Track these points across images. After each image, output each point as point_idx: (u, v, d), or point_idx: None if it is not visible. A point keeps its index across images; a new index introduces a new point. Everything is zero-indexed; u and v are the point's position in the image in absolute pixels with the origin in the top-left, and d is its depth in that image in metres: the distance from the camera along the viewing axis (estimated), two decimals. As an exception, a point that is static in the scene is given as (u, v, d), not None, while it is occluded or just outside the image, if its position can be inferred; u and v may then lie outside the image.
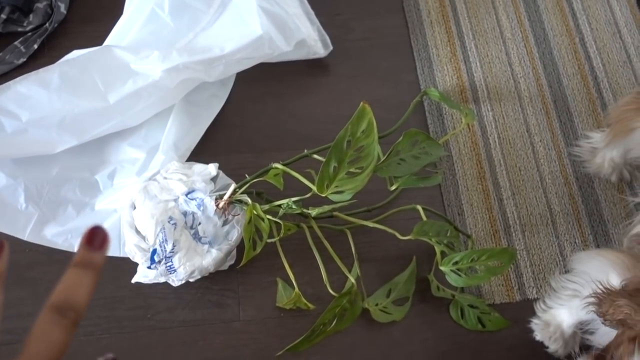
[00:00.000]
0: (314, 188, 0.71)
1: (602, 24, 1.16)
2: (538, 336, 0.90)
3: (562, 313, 0.86)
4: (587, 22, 1.16)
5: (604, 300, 0.62)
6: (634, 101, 0.89)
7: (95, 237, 0.30)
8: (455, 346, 0.91)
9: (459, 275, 0.80)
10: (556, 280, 0.87)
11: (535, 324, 0.90)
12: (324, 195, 0.71)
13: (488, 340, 0.92)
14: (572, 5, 1.18)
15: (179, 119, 0.97)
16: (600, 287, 0.65)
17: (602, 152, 1.00)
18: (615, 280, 0.65)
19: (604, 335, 0.69)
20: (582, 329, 0.83)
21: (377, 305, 0.90)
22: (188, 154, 0.97)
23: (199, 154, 0.98)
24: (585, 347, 0.88)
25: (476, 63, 1.11)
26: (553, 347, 0.89)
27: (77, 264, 0.29)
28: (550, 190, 1.01)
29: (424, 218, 0.86)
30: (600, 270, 0.69)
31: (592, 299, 0.65)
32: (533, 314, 0.91)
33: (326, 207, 0.77)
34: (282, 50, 0.99)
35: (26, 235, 0.90)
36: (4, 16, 1.05)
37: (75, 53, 0.95)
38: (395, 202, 0.97)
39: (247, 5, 0.97)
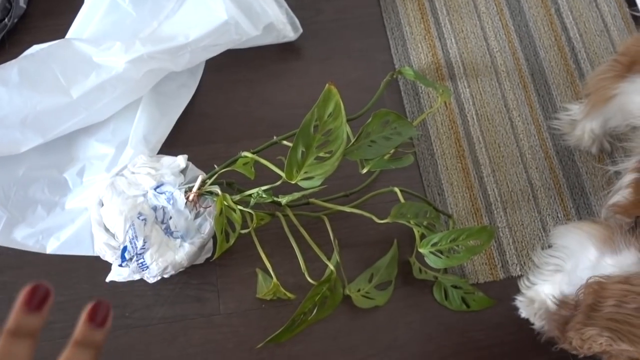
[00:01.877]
0: (284, 175, 0.68)
1: (578, -7, 1.14)
2: (523, 313, 0.89)
3: (546, 289, 0.85)
4: (563, -9, 1.14)
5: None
6: (611, 69, 0.87)
7: (98, 313, 0.28)
8: (441, 327, 0.90)
9: (439, 257, 0.78)
10: (538, 255, 0.86)
11: (520, 301, 0.89)
12: (293, 182, 0.69)
13: (473, 320, 0.91)
14: (547, -24, 1.16)
15: (147, 111, 0.94)
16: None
17: (582, 123, 0.98)
18: (592, 254, 0.64)
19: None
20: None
21: (359, 291, 0.88)
22: (159, 147, 0.94)
23: (169, 146, 0.95)
24: (571, 322, 0.87)
25: (451, 39, 1.08)
26: (538, 323, 0.88)
27: (77, 343, 0.27)
28: (531, 165, 1.00)
29: (402, 200, 0.84)
30: (578, 243, 0.68)
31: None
32: (517, 291, 0.90)
33: (296, 194, 0.74)
34: (250, 35, 0.96)
35: (-5, 238, 0.87)
36: (-40, 13, 1.01)
37: (35, 48, 0.91)
38: (373, 185, 0.95)
39: (211, -11, 0.94)
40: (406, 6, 1.11)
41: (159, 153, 0.94)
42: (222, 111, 1.01)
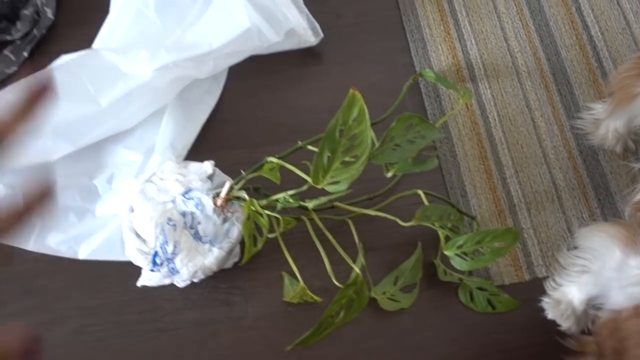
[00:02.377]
0: (310, 180, 0.69)
1: (599, -9, 1.13)
2: (550, 315, 0.89)
3: (573, 290, 0.85)
4: (583, -10, 1.13)
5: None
6: (635, 67, 0.87)
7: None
8: (467, 329, 0.90)
9: (464, 259, 0.78)
10: (564, 256, 0.85)
11: (546, 303, 0.89)
12: (320, 187, 0.70)
13: (499, 322, 0.91)
14: (567, -26, 1.15)
15: (173, 118, 0.96)
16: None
17: (605, 122, 0.97)
18: (618, 256, 0.64)
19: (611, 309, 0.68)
20: (590, 304, 0.82)
21: (384, 293, 0.89)
22: (185, 153, 0.96)
23: (195, 152, 0.97)
24: (598, 323, 0.86)
25: (471, 40, 1.08)
26: (565, 324, 0.87)
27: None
28: (554, 165, 0.99)
29: (426, 203, 0.85)
30: (602, 245, 0.68)
31: None
32: (543, 292, 0.90)
33: (323, 199, 0.75)
34: (271, 41, 0.97)
35: (30, 245, 0.90)
36: (-9, 26, 1.04)
37: (64, 58, 0.94)
38: (396, 188, 0.96)
39: (233, -3, 0.95)
40: (425, 8, 1.11)
41: (185, 159, 0.96)
42: (245, 117, 1.03)
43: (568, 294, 0.86)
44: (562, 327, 0.88)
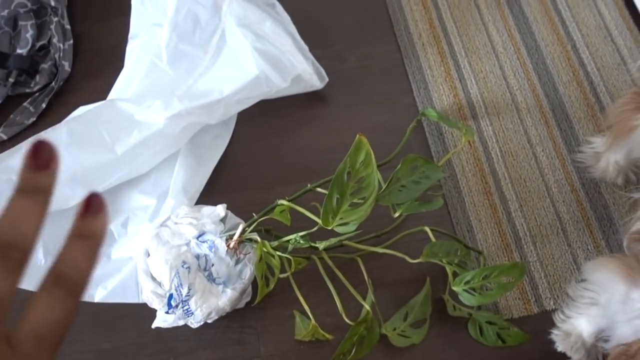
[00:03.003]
0: (320, 222, 0.72)
1: (593, 29, 1.17)
2: (560, 347, 0.90)
3: (582, 322, 0.86)
4: (577, 28, 1.18)
5: None
6: (631, 101, 0.90)
7: (40, 153, 0.24)
8: (477, 364, 0.91)
9: (472, 294, 0.80)
10: (573, 289, 0.87)
11: (556, 335, 0.90)
12: (329, 228, 0.73)
13: (509, 356, 0.91)
14: (561, 14, 1.20)
15: (185, 163, 1.00)
16: None
17: (606, 155, 1.00)
18: (622, 289, 0.65)
19: (618, 342, 0.69)
20: (599, 337, 0.83)
21: (394, 329, 0.90)
22: (197, 196, 0.99)
23: (207, 195, 1.00)
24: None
25: (471, 80, 1.12)
26: (576, 357, 0.88)
27: (21, 191, 0.24)
28: (558, 198, 1.01)
29: (433, 239, 0.87)
30: (607, 279, 0.69)
31: None
32: (553, 325, 0.91)
33: (333, 240, 0.78)
34: (279, 87, 1.01)
35: (47, 290, 0.92)
36: (12, 80, 1.09)
37: (81, 109, 0.98)
38: (403, 225, 0.98)
39: (242, 47, 1.00)
40: (426, 50, 1.16)
41: (197, 202, 0.99)
42: (255, 159, 1.06)
43: (577, 326, 0.87)
44: (572, 359, 0.88)
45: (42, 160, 0.25)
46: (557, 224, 0.99)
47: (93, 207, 0.26)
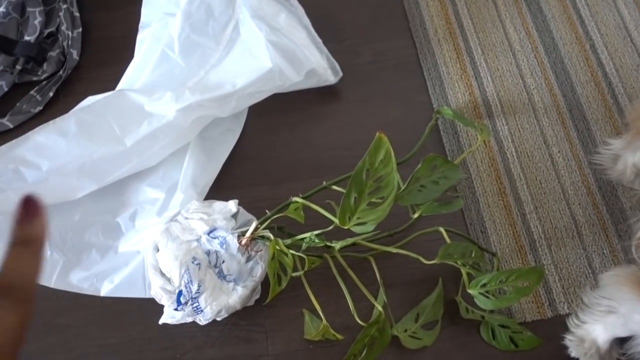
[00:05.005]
0: (336, 221, 0.70)
1: (612, 29, 1.15)
2: (573, 353, 0.88)
3: (597, 329, 0.84)
4: (597, 27, 1.15)
5: None
6: None
7: (28, 206, 0.27)
8: (489, 367, 0.90)
9: (488, 298, 0.78)
10: (588, 296, 0.85)
11: (570, 340, 0.88)
12: (346, 228, 0.71)
13: (522, 360, 0.90)
14: (580, 12, 1.17)
15: (195, 156, 0.98)
16: None
17: (624, 157, 0.98)
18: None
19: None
20: (632, 343, 0.81)
21: (406, 331, 0.88)
22: (207, 190, 0.98)
23: (217, 190, 0.98)
24: (624, 362, 0.86)
25: (487, 78, 1.10)
26: (589, 363, 0.87)
27: (16, 243, 0.26)
28: (573, 201, 1.00)
29: (447, 240, 0.85)
30: (629, 300, 0.67)
31: None
32: (566, 329, 0.90)
33: (350, 240, 0.76)
34: (292, 81, 0.99)
35: (52, 282, 0.91)
36: (19, 67, 1.07)
37: (90, 99, 0.96)
38: (417, 224, 0.96)
39: (256, 39, 0.98)
40: (442, 47, 1.13)
41: (206, 196, 0.97)
42: (266, 154, 1.04)
43: (592, 332, 0.85)
44: (586, 365, 0.87)
45: (31, 212, 0.27)
46: (572, 227, 0.98)
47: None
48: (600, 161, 1.02)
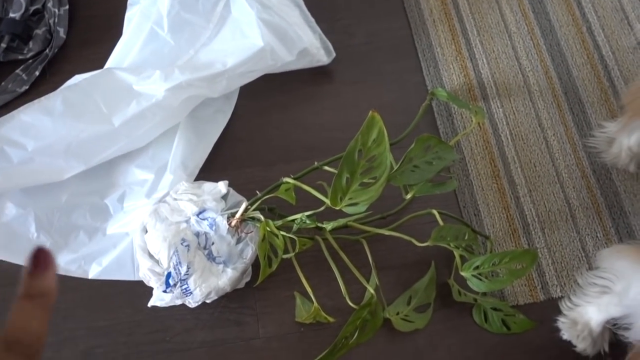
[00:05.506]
0: (327, 201, 0.69)
1: (609, 11, 1.14)
2: (565, 335, 0.88)
3: (590, 311, 0.84)
4: (594, 10, 1.14)
5: None
6: None
7: (39, 258, 0.26)
8: (481, 350, 0.89)
9: (481, 280, 0.78)
10: (583, 277, 0.85)
11: (562, 323, 0.88)
12: (338, 208, 0.70)
13: (514, 343, 0.90)
14: (577, -6, 1.16)
15: (185, 137, 0.96)
16: None
17: (619, 140, 0.97)
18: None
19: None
20: (616, 324, 0.81)
21: (398, 314, 0.88)
22: (197, 172, 0.96)
23: (207, 171, 0.97)
24: (615, 345, 0.85)
25: (482, 60, 1.09)
26: (581, 345, 0.86)
27: (24, 296, 0.26)
28: (568, 184, 0.99)
29: (441, 222, 0.84)
30: (627, 268, 0.67)
31: None
32: (559, 312, 0.89)
33: (341, 221, 0.75)
34: (284, 60, 0.97)
35: (39, 264, 0.89)
36: (3, 45, 1.04)
37: (77, 78, 0.94)
38: (410, 207, 0.95)
39: (247, 18, 0.95)
40: (437, 28, 1.11)
41: (196, 178, 0.95)
42: (257, 135, 1.03)
43: (585, 314, 0.85)
44: (577, 348, 0.87)
45: (42, 265, 0.26)
46: (566, 210, 0.97)
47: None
48: (595, 144, 1.01)
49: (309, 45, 0.99)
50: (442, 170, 0.76)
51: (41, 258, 0.27)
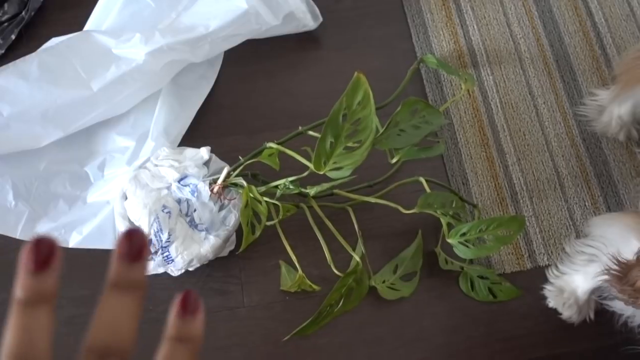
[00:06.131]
0: (311, 166, 0.67)
1: (602, -23, 1.11)
2: (551, 303, 0.88)
3: (577, 279, 0.83)
4: (587, -25, 1.11)
5: (621, 278, 0.58)
6: None
7: (133, 242, 0.24)
8: (467, 318, 0.89)
9: (467, 247, 0.77)
10: (571, 245, 0.84)
11: (549, 291, 0.88)
12: (321, 173, 0.68)
13: (500, 311, 0.89)
14: (570, -41, 1.13)
15: (167, 104, 0.93)
16: (614, 261, 0.61)
17: (609, 109, 0.96)
18: (635, 246, 0.62)
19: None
20: (601, 295, 0.81)
21: (384, 282, 0.87)
22: (179, 139, 0.94)
23: (190, 139, 0.94)
24: (601, 313, 0.85)
25: (473, 26, 1.06)
26: (567, 313, 0.86)
27: (116, 286, 0.24)
28: (557, 153, 0.98)
29: (428, 190, 0.83)
30: (618, 235, 0.66)
31: (607, 277, 0.62)
32: (545, 281, 0.89)
33: (325, 185, 0.73)
34: (270, 24, 0.94)
35: (18, 233, 0.87)
36: (-23, 7, 1.00)
37: (54, 41, 0.91)
38: (397, 175, 0.94)
39: (230, -22, 0.92)
40: (427, -7, 1.09)
41: (179, 145, 0.93)
42: (242, 102, 1.00)
43: (572, 282, 0.85)
44: (563, 315, 0.87)
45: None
46: (554, 179, 0.96)
47: (190, 306, 0.25)
48: (586, 112, 1.00)
49: (295, 9, 0.96)
50: (429, 135, 0.75)
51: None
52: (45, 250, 0.23)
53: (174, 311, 0.25)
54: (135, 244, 0.24)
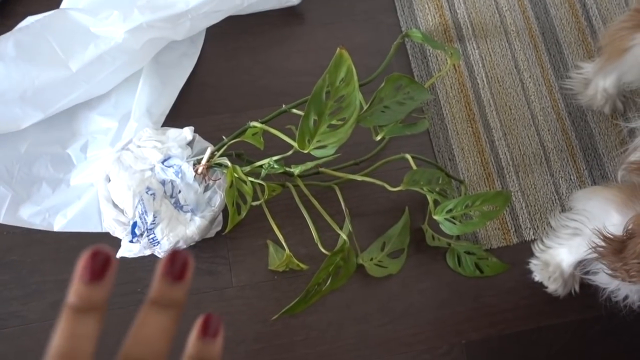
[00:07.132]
0: (295, 145, 0.66)
1: (589, -53, 1.10)
2: (537, 277, 0.89)
3: (562, 252, 0.84)
4: (573, -55, 1.10)
5: (610, 254, 0.59)
6: (631, 18, 0.84)
7: (176, 263, 0.25)
8: (455, 294, 0.90)
9: (454, 223, 0.77)
10: (556, 219, 0.84)
11: (534, 265, 0.89)
12: (306, 152, 0.67)
13: (487, 286, 0.90)
14: None
15: (149, 83, 0.91)
16: (600, 236, 0.61)
17: (594, 82, 0.96)
18: (616, 219, 0.63)
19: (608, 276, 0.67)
20: (583, 269, 0.82)
21: (371, 260, 0.87)
22: (163, 119, 0.92)
23: (173, 118, 0.93)
24: (586, 286, 0.86)
25: (459, -1, 1.05)
26: (552, 286, 0.87)
27: (155, 303, 0.25)
28: (543, 127, 0.97)
29: (414, 167, 0.82)
30: (599, 208, 0.66)
31: (595, 253, 0.62)
32: (531, 255, 0.90)
33: (309, 164, 0.73)
34: (251, 0, 0.92)
35: (1, 217, 0.86)
36: (-52, -15, 0.97)
37: (30, 19, 0.88)
38: (383, 152, 0.93)
39: (210, -48, 0.90)
40: (411, -35, 1.06)
41: (163, 125, 0.92)
42: (225, 80, 0.98)
43: (557, 256, 0.85)
44: (548, 289, 0.88)
45: (178, 270, 0.25)
46: (540, 154, 0.96)
47: (211, 329, 0.26)
48: (571, 85, 0.99)
49: (277, -17, 0.94)
50: (414, 112, 0.74)
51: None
52: (101, 261, 0.24)
53: (195, 332, 0.26)
54: (178, 264, 0.25)
